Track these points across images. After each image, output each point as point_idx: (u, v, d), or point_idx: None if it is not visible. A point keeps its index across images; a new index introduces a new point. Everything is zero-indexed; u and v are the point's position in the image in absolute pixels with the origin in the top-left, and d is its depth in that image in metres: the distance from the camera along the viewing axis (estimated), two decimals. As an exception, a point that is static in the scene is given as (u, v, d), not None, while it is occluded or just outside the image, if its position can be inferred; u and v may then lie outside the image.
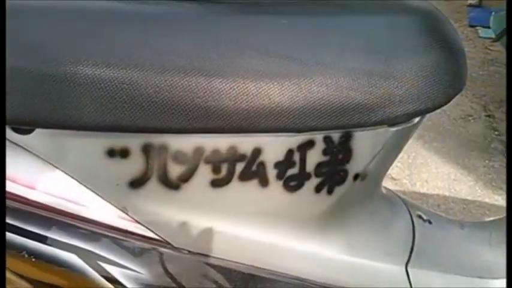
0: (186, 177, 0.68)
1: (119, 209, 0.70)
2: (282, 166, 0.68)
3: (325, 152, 0.68)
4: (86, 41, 0.61)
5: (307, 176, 0.69)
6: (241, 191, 0.69)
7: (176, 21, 0.64)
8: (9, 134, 0.66)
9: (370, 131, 0.68)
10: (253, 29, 0.65)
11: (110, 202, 0.70)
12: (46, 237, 0.69)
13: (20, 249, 0.68)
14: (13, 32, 0.60)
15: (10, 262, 0.70)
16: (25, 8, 0.62)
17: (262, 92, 0.61)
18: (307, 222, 0.75)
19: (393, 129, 0.69)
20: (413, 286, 0.78)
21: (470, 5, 3.94)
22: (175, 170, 0.67)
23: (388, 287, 0.78)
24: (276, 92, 0.61)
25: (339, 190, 0.72)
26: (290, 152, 0.67)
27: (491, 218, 1.08)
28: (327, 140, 0.67)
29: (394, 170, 2.18)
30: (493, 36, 2.80)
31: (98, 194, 0.69)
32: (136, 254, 0.71)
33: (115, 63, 0.59)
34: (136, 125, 0.61)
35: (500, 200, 2.08)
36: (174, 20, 0.64)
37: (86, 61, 0.59)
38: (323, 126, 0.64)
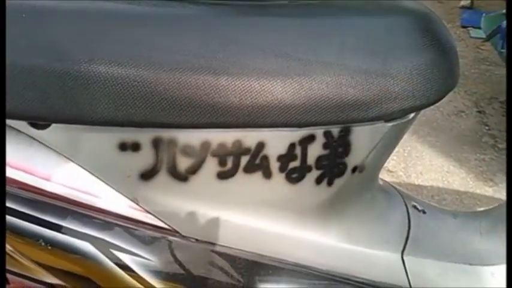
0: (193, 170, 0.68)
1: (130, 199, 0.70)
2: (285, 159, 0.68)
3: (325, 146, 0.68)
4: (100, 41, 0.61)
5: (308, 169, 0.69)
6: (245, 182, 0.69)
7: (184, 22, 0.63)
8: (27, 128, 0.66)
9: (368, 126, 0.68)
10: (257, 29, 0.65)
11: (121, 193, 0.70)
12: (61, 227, 0.69)
13: (37, 237, 0.69)
14: (31, 32, 0.61)
15: (27, 250, 0.70)
16: (42, 9, 0.62)
17: (266, 89, 0.61)
18: (308, 212, 0.75)
19: (389, 124, 0.69)
20: (408, 272, 0.78)
21: (462, 7, 3.93)
22: (183, 163, 0.67)
23: (385, 274, 0.78)
24: (278, 89, 0.61)
25: (338, 182, 0.72)
26: (292, 146, 0.67)
27: (482, 208, 1.08)
28: (327, 134, 0.67)
29: (390, 163, 2.18)
30: (484, 36, 2.79)
31: (110, 186, 0.70)
32: (146, 242, 0.71)
33: (127, 62, 0.60)
34: (147, 120, 0.61)
35: (491, 191, 2.08)
36: (182, 21, 0.64)
37: (100, 60, 0.59)
38: (323, 122, 0.64)
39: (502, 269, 0.81)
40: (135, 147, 0.66)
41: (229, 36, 0.63)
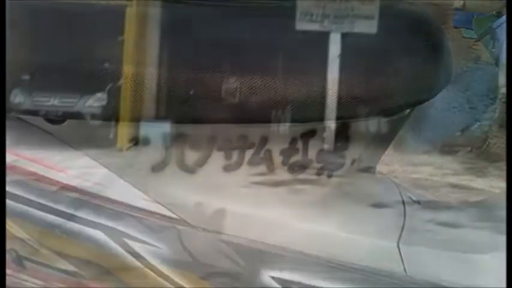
0: (201, 163, 0.68)
1: (141, 191, 0.70)
2: (287, 153, 0.68)
3: (325, 140, 0.68)
4: (111, 41, 0.61)
5: (309, 162, 0.69)
6: (250, 175, 0.69)
7: (191, 22, 0.64)
8: (43, 123, 0.66)
9: (366, 121, 0.68)
10: (260, 30, 0.65)
11: (133, 185, 0.70)
12: (76, 217, 0.69)
13: (53, 227, 0.69)
14: (46, 31, 0.61)
15: (44, 238, 0.70)
16: (56, 9, 0.63)
17: (270, 87, 0.61)
18: (309, 203, 0.75)
19: (386, 120, 0.69)
20: (404, 260, 0.78)
21: (455, 9, 3.92)
22: (192, 156, 0.67)
23: (381, 261, 0.78)
24: (281, 87, 0.62)
25: (337, 174, 0.72)
26: (294, 140, 0.67)
27: (474, 200, 1.08)
28: (327, 129, 0.67)
29: (387, 156, 2.18)
30: (475, 36, 2.78)
31: (122, 178, 0.70)
32: (156, 231, 0.71)
33: (136, 61, 0.60)
34: (157, 116, 0.61)
35: (482, 184, 2.08)
36: (189, 21, 0.64)
37: (111, 59, 0.59)
38: (324, 117, 0.64)
39: (493, 257, 0.81)
40: (146, 141, 0.66)
41: (234, 37, 0.63)
